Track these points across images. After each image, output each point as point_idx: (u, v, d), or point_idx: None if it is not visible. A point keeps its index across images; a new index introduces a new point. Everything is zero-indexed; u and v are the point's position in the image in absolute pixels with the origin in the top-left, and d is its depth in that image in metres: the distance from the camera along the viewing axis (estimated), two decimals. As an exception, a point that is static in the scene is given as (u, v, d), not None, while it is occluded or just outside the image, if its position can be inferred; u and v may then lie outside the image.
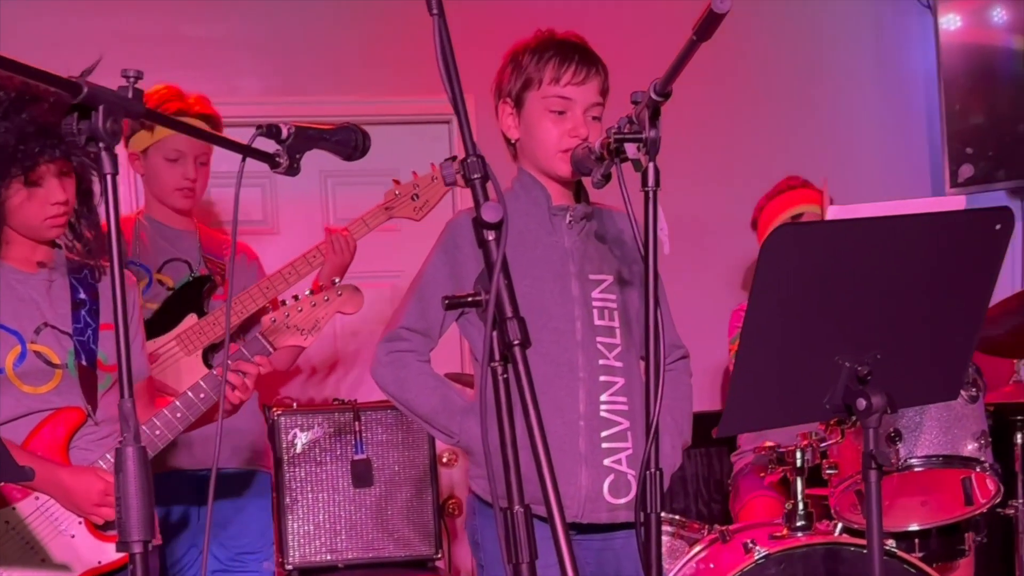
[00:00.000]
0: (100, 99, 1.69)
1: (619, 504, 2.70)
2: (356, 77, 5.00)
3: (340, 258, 3.62)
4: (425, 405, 2.74)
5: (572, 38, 2.79)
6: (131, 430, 1.74)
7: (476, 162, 1.77)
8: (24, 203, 2.61)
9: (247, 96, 4.93)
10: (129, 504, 1.75)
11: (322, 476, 4.10)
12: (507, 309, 1.72)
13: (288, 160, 2.11)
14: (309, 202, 5.11)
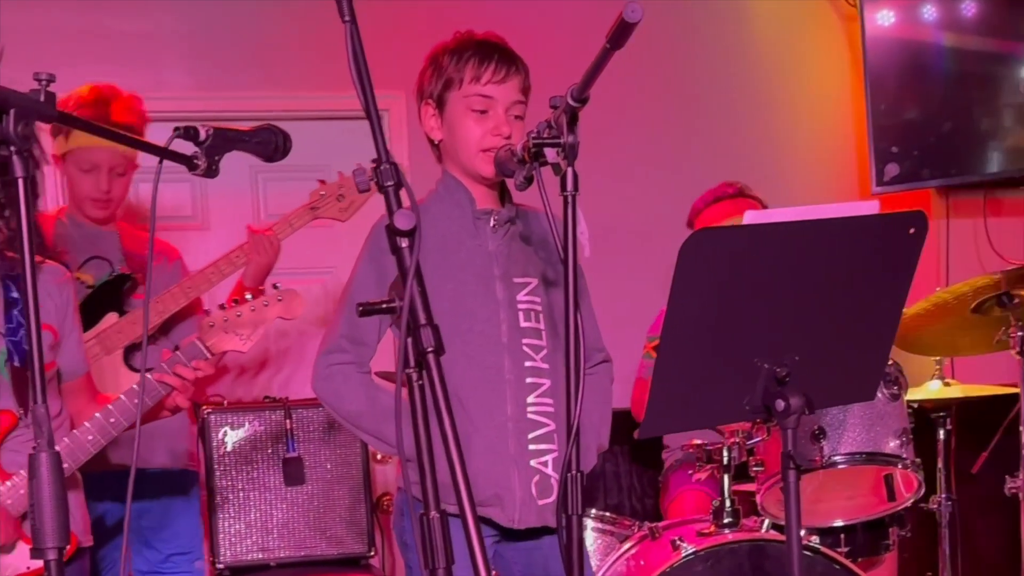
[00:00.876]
0: (11, 103, 1.67)
1: (544, 505, 2.71)
2: (286, 72, 4.98)
3: (264, 259, 3.60)
4: (364, 417, 2.74)
5: (491, 38, 2.81)
6: (44, 436, 1.74)
7: (389, 169, 1.78)
8: None
9: (175, 91, 4.90)
10: (43, 510, 1.74)
11: (253, 475, 4.09)
12: (421, 316, 1.73)
13: (206, 162, 2.11)
14: (239, 197, 5.09)
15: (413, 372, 1.76)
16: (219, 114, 4.90)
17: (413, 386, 1.75)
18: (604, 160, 4.29)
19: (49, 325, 2.74)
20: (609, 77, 4.60)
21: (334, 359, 2.74)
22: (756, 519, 3.39)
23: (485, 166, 2.68)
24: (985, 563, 4.94)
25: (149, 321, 3.50)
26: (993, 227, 5.47)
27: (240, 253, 3.60)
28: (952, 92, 5.22)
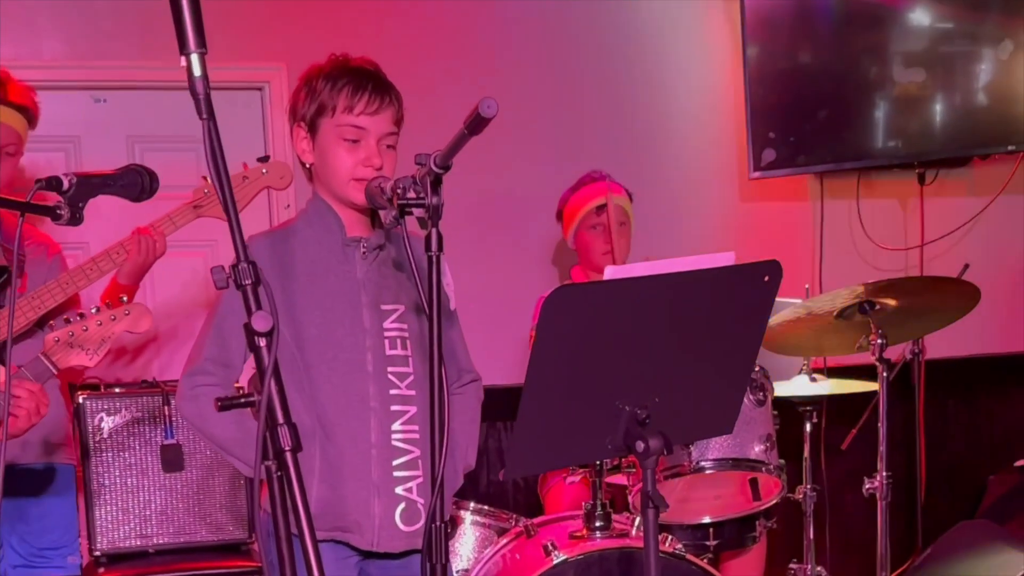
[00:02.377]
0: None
1: (412, 531, 2.76)
2: (165, 42, 4.83)
3: (144, 258, 3.55)
4: (225, 438, 2.74)
5: (367, 65, 2.80)
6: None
7: (247, 268, 1.79)
8: None
9: (49, 60, 4.81)
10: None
11: (130, 461, 4.07)
12: (279, 415, 1.76)
13: (70, 211, 2.09)
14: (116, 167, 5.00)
15: (272, 464, 1.79)
16: (97, 83, 4.84)
17: (272, 478, 1.78)
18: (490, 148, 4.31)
19: None
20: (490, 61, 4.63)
21: (199, 380, 2.73)
22: (627, 516, 3.48)
23: (356, 194, 2.68)
24: (853, 537, 5.14)
25: (24, 317, 3.47)
26: (865, 208, 5.63)
27: (120, 250, 3.55)
28: (828, 76, 5.31)
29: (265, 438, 1.72)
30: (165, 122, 5.01)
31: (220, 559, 4.12)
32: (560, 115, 5.33)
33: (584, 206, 4.41)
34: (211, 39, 4.89)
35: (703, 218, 5.52)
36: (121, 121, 5.00)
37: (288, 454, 1.74)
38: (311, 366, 2.70)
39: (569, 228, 4.49)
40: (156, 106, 5.01)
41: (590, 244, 4.42)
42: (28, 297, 3.48)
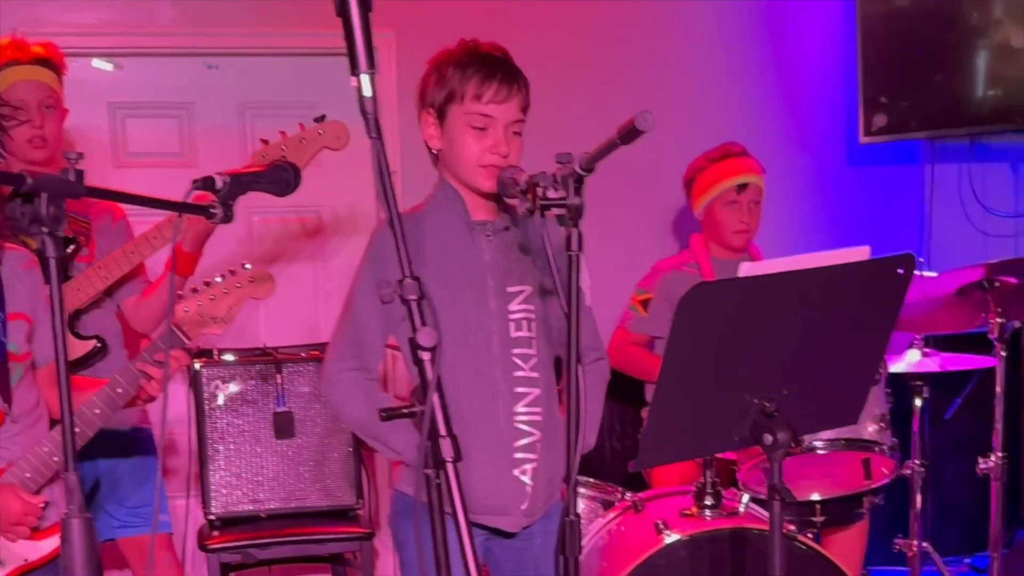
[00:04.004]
0: (43, 187, 1.71)
1: (526, 510, 2.81)
2: (276, 8, 4.92)
3: (205, 224, 3.46)
4: (367, 425, 2.80)
5: (496, 52, 2.80)
6: (76, 503, 1.80)
7: (412, 284, 1.82)
8: None
9: (164, 26, 4.86)
10: (75, 573, 1.82)
11: (244, 427, 4.17)
12: (441, 427, 1.79)
13: (223, 210, 2.13)
14: (227, 134, 5.07)
15: (432, 473, 1.82)
16: (210, 49, 4.88)
17: (431, 484, 1.82)
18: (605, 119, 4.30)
19: (22, 313, 2.76)
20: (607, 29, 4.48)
21: (341, 366, 2.80)
22: (735, 492, 3.49)
23: (483, 180, 2.70)
24: (952, 507, 5.09)
25: (92, 287, 3.52)
26: (976, 172, 5.54)
27: (181, 217, 3.57)
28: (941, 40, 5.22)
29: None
30: (275, 88, 5.07)
31: (329, 524, 4.20)
32: (672, 84, 5.28)
33: (722, 180, 4.33)
34: (318, 5, 4.95)
35: (810, 183, 5.47)
36: (233, 88, 5.06)
37: (449, 465, 1.77)
38: (443, 347, 2.73)
39: (701, 199, 4.40)
40: (267, 72, 5.07)
41: (723, 220, 4.34)
42: (95, 267, 3.53)
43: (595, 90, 5.13)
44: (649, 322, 4.35)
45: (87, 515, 1.84)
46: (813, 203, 5.48)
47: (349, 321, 2.81)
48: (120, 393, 2.79)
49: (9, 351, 2.70)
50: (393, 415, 1.86)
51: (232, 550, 4.09)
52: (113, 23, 4.67)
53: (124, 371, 2.79)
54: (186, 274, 3.59)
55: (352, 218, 5.14)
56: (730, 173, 4.31)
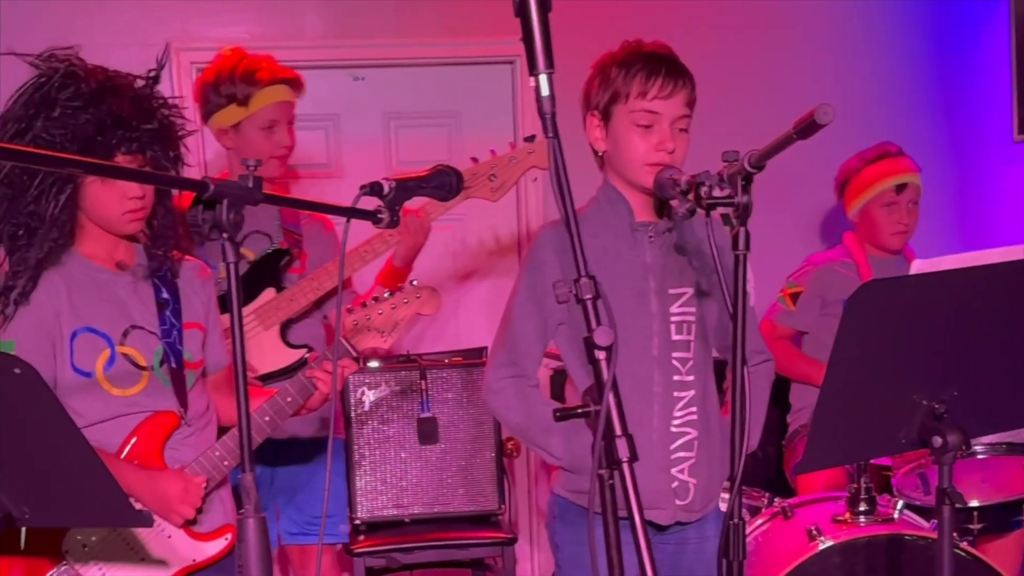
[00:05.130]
0: (224, 193, 1.75)
1: (682, 505, 2.80)
2: (419, 19, 4.98)
3: (414, 239, 3.62)
4: (524, 429, 2.84)
5: (660, 50, 2.78)
6: (252, 503, 1.84)
7: (588, 283, 1.83)
8: (100, 195, 2.64)
9: (310, 40, 4.95)
10: (250, 572, 1.85)
11: (389, 433, 4.22)
12: (616, 427, 1.79)
13: (389, 215, 2.16)
14: (372, 145, 5.14)
15: (605, 472, 1.82)
16: (356, 61, 4.96)
17: (604, 486, 1.82)
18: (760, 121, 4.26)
19: (197, 323, 2.84)
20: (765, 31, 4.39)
21: (501, 373, 2.84)
22: (889, 498, 3.42)
23: (649, 179, 2.68)
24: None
25: (305, 298, 3.61)
26: None
27: (393, 232, 3.63)
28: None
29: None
30: (418, 98, 5.13)
31: (472, 529, 4.23)
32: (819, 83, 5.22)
33: (880, 181, 4.25)
34: (462, 13, 5.02)
35: (962, 183, 5.36)
36: (377, 98, 5.13)
37: (625, 465, 1.77)
38: None
39: (856, 200, 4.32)
40: (410, 83, 5.13)
41: (881, 221, 4.26)
42: (307, 279, 3.62)
43: (749, 92, 5.10)
44: (795, 316, 4.30)
45: (262, 515, 1.88)
46: (966, 203, 5.35)
47: (508, 328, 2.84)
48: (289, 402, 2.85)
49: (184, 359, 2.77)
50: (567, 415, 1.87)
51: (377, 554, 4.13)
52: (262, 36, 4.77)
53: (294, 380, 2.86)
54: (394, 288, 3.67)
55: (494, 227, 5.17)
56: (888, 173, 4.24)
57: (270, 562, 1.89)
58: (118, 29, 4.69)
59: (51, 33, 2.68)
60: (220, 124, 3.67)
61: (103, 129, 2.56)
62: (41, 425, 1.92)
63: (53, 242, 2.63)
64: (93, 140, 2.55)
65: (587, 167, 2.84)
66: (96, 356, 2.67)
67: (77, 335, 2.66)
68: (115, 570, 2.68)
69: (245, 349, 1.86)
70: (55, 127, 2.54)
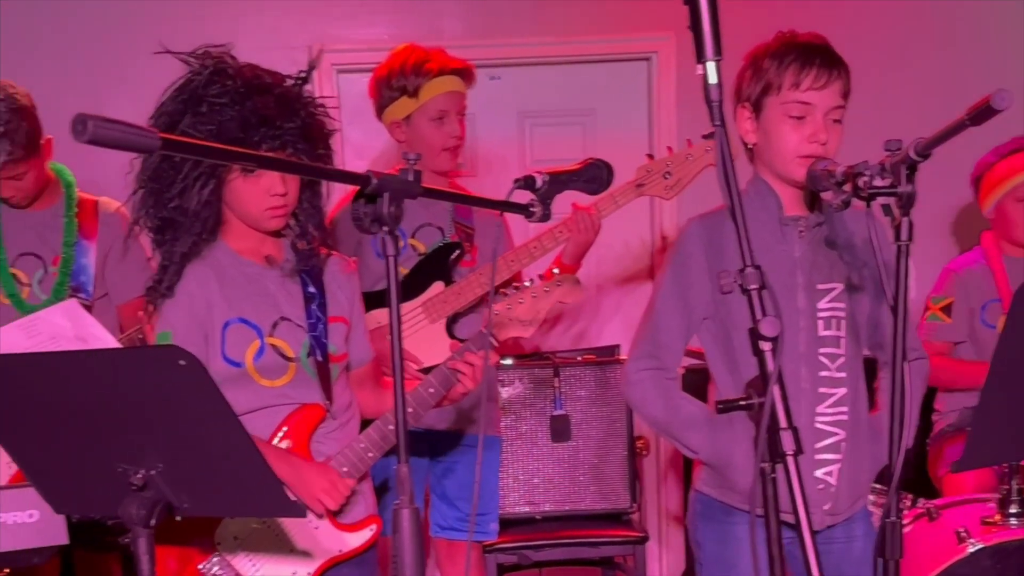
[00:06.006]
0: (386, 187, 1.76)
1: (827, 510, 2.74)
2: (556, 17, 4.98)
3: (584, 236, 3.57)
4: (664, 423, 2.82)
5: (815, 40, 2.73)
6: (407, 493, 1.84)
7: (754, 273, 1.80)
8: (243, 191, 2.66)
9: (450, 39, 4.95)
10: (404, 562, 1.86)
11: (522, 430, 4.23)
12: (782, 419, 1.76)
13: (542, 208, 2.15)
14: (507, 143, 5.15)
15: (768, 466, 1.79)
16: (492, 60, 4.97)
17: (767, 479, 1.79)
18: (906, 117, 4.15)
19: (342, 317, 2.86)
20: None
21: (641, 365, 2.81)
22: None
23: (800, 171, 2.62)
24: None
25: (472, 292, 3.62)
26: None
27: (563, 229, 3.60)
28: None
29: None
30: (553, 97, 5.12)
31: (603, 527, 4.23)
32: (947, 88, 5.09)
33: (1015, 175, 4.12)
34: (600, 11, 4.99)
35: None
36: (513, 97, 5.13)
37: (790, 458, 1.74)
38: (738, 349, 2.71)
39: (991, 196, 4.19)
40: (546, 81, 5.12)
41: (1016, 217, 4.13)
42: (476, 273, 3.62)
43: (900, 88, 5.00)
44: (953, 327, 4.18)
45: (416, 506, 1.88)
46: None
47: (650, 320, 2.82)
48: (432, 393, 2.86)
49: (329, 352, 2.79)
50: (730, 407, 1.84)
51: (509, 551, 4.15)
52: (400, 38, 4.77)
53: (436, 371, 2.86)
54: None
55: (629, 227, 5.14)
56: (1022, 167, 4.13)
57: (423, 553, 1.90)
58: (263, 32, 4.77)
59: (196, 37, 2.70)
60: (392, 117, 3.69)
61: (247, 126, 2.59)
62: (204, 416, 1.94)
63: (196, 236, 2.66)
64: (237, 136, 2.57)
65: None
66: (246, 347, 2.70)
67: (229, 325, 2.69)
68: (263, 560, 2.72)
69: (402, 341, 1.86)
70: (201, 123, 2.57)
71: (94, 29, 4.83)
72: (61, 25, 4.84)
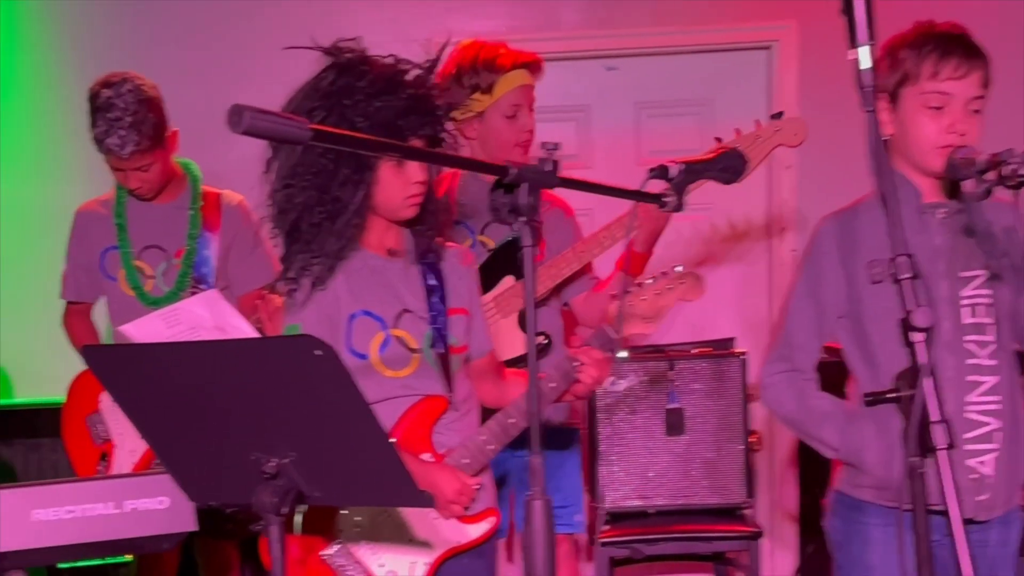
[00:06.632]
0: (524, 177, 1.76)
1: (980, 501, 2.66)
2: (673, 6, 4.95)
3: (655, 224, 3.51)
4: (797, 423, 2.81)
5: (953, 30, 2.67)
6: (539, 485, 1.84)
7: (905, 262, 1.77)
8: (391, 181, 2.66)
9: (567, 30, 4.97)
10: (535, 553, 1.86)
11: (635, 423, 4.21)
12: (934, 413, 1.72)
13: (676, 198, 2.13)
14: (622, 135, 5.12)
15: (918, 460, 1.76)
16: (609, 51, 4.95)
17: (915, 474, 1.75)
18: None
19: (462, 308, 2.85)
20: None
21: (775, 368, 2.80)
22: None
23: (939, 162, 2.57)
24: None
25: (543, 285, 3.60)
26: None
27: (632, 217, 3.59)
28: None
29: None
30: (670, 87, 5.08)
31: (717, 522, 4.19)
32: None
33: None
34: (715, 2, 4.91)
35: None
36: (629, 88, 5.11)
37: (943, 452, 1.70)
38: (877, 344, 2.67)
39: None
40: (661, 72, 5.09)
41: None
42: (546, 266, 3.61)
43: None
44: None
45: (548, 497, 1.88)
46: None
47: (785, 323, 2.80)
48: (553, 387, 2.84)
49: (450, 343, 2.79)
50: (878, 399, 1.81)
51: (621, 545, 4.13)
52: (519, 29, 4.82)
53: (558, 366, 2.84)
54: (635, 273, 3.63)
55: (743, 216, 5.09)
56: None
57: (554, 544, 1.89)
58: (381, 26, 4.79)
59: (317, 32, 2.71)
60: (465, 114, 3.69)
61: (399, 114, 2.59)
62: (338, 405, 1.95)
63: (355, 228, 2.67)
64: (392, 124, 2.57)
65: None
66: (371, 339, 2.71)
67: (355, 318, 2.71)
68: (383, 550, 2.73)
69: (536, 328, 1.86)
70: (355, 114, 2.57)
71: (218, 25, 4.91)
72: (186, 22, 4.93)
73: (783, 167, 4.91)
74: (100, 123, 3.54)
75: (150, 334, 2.61)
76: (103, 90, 3.55)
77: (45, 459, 4.89)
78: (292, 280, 2.68)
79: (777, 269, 5.04)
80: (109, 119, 3.52)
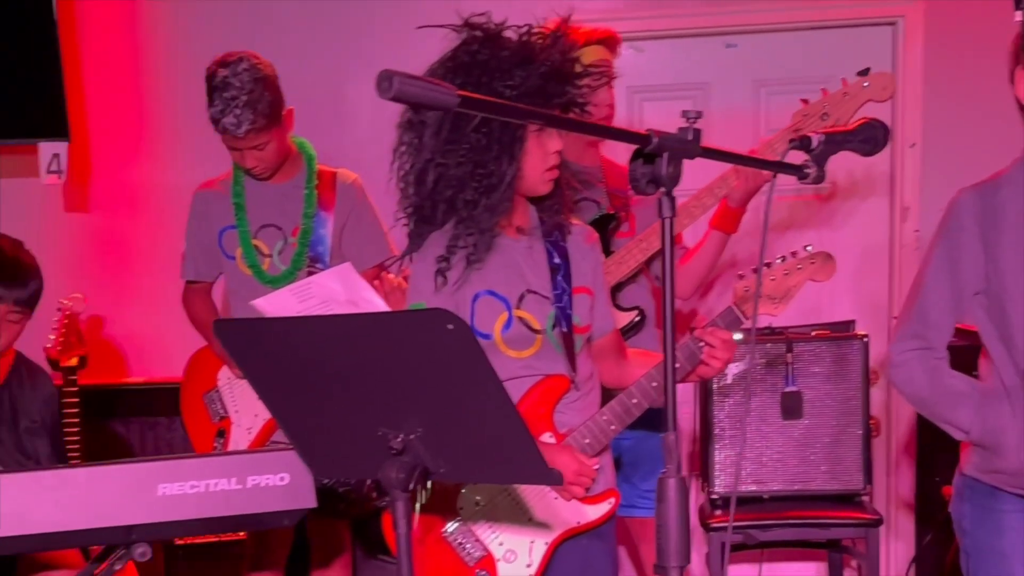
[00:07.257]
0: (665, 147, 1.72)
1: None
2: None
3: (747, 184, 3.48)
4: (926, 402, 2.74)
5: None
6: (674, 462, 1.81)
7: None
8: (534, 153, 2.63)
9: (687, 7, 4.87)
10: (669, 532, 1.84)
11: (752, 407, 4.12)
12: None
13: (816, 169, 2.08)
14: (742, 112, 5.03)
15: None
16: (728, 28, 4.89)
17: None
18: None
19: (586, 287, 2.82)
20: None
21: (906, 345, 2.72)
22: None
23: None
24: None
25: (634, 259, 3.57)
26: None
27: (720, 183, 3.52)
28: None
29: None
30: (789, 64, 4.97)
31: (834, 508, 4.10)
32: None
33: None
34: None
35: None
36: (748, 65, 5.01)
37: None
38: (1016, 324, 2.58)
39: None
40: (781, 48, 4.98)
41: None
42: (635, 240, 3.57)
43: None
44: None
45: (682, 475, 1.84)
46: None
47: (918, 298, 2.72)
48: (677, 368, 2.79)
49: (574, 323, 2.76)
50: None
51: (735, 529, 4.06)
52: (638, 6, 4.75)
53: (683, 348, 2.79)
54: (729, 230, 3.60)
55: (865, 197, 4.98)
56: None
57: (688, 523, 1.86)
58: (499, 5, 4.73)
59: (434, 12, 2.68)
60: None
61: (544, 81, 2.56)
62: (468, 380, 1.93)
63: (508, 202, 2.64)
64: (541, 92, 2.55)
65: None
66: (495, 319, 2.70)
67: (479, 298, 2.69)
68: (502, 529, 2.72)
69: (675, 302, 1.82)
70: (501, 84, 2.54)
71: (334, 5, 4.89)
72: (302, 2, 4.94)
73: (907, 145, 4.79)
74: (217, 102, 3.55)
75: (281, 308, 2.61)
76: (219, 70, 3.57)
77: (160, 438, 4.99)
78: (443, 259, 2.66)
79: (899, 250, 4.91)
80: (225, 98, 3.54)
